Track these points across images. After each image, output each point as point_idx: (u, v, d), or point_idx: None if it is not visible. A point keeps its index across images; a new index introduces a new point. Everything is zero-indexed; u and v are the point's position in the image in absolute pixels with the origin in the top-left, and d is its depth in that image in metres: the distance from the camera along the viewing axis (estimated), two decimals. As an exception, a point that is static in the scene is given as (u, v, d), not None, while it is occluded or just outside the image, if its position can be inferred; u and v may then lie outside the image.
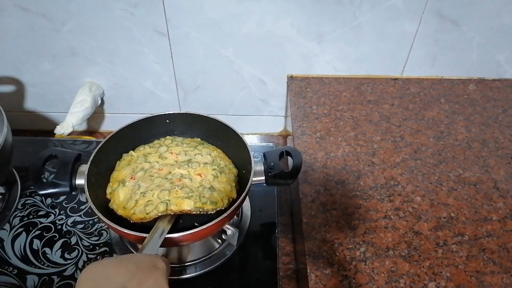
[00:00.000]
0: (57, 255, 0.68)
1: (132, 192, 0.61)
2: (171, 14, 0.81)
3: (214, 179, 0.64)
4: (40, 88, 0.94)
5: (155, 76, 0.92)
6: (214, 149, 0.71)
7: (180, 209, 0.58)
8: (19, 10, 0.80)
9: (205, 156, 0.68)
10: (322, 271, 0.56)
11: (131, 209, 0.59)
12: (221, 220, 0.55)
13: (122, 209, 0.60)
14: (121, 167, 0.67)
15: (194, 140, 0.73)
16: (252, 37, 0.84)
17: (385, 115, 0.82)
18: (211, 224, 0.54)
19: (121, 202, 0.61)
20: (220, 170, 0.65)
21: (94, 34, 0.84)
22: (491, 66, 0.90)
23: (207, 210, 0.59)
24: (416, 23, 0.82)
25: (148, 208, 0.58)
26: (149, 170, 0.65)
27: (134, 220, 0.58)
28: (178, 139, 0.73)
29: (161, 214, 0.57)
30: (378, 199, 0.65)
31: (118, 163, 0.68)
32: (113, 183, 0.65)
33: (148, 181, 0.62)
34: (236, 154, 0.70)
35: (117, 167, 0.68)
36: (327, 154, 0.73)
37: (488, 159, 0.73)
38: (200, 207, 0.58)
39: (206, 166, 0.65)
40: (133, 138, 0.70)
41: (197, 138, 0.74)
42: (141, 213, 0.58)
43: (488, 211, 0.64)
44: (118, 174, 0.66)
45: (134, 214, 0.58)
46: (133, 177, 0.64)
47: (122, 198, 0.61)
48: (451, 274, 0.55)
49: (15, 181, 0.79)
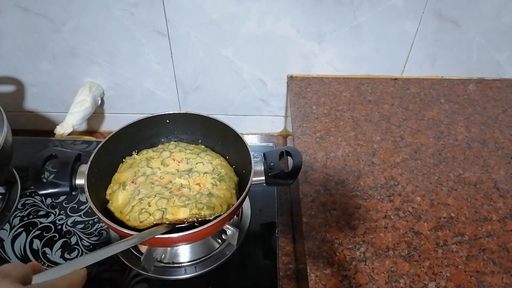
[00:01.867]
0: (57, 255, 0.68)
1: (131, 197, 0.61)
2: (171, 14, 0.81)
3: (213, 187, 0.63)
4: (40, 88, 0.94)
5: (155, 76, 0.92)
6: (217, 157, 0.71)
7: (175, 218, 0.57)
8: (19, 10, 0.80)
9: (206, 165, 0.67)
10: (322, 271, 0.56)
11: (127, 214, 0.58)
12: (221, 220, 0.55)
13: (119, 213, 0.60)
14: (123, 169, 0.67)
15: (198, 147, 0.73)
16: (252, 37, 0.84)
17: (385, 115, 0.82)
18: (211, 224, 0.54)
19: (119, 206, 0.61)
20: (220, 179, 0.65)
21: (94, 34, 0.84)
22: (491, 66, 0.90)
23: (205, 216, 0.58)
24: (416, 23, 0.82)
25: (142, 216, 0.57)
26: (151, 177, 0.65)
27: (128, 225, 0.58)
28: (182, 145, 0.73)
29: (156, 223, 0.57)
30: (378, 199, 0.65)
31: (121, 165, 0.69)
32: (114, 184, 0.65)
33: (148, 188, 0.62)
34: (236, 154, 0.70)
35: (120, 169, 0.68)
36: (327, 154, 0.73)
37: (488, 159, 0.73)
38: (196, 213, 0.58)
39: (206, 176, 0.65)
40: (133, 138, 0.71)
41: (201, 145, 0.74)
42: (134, 221, 0.57)
43: (488, 211, 0.64)
44: (119, 176, 0.66)
45: (128, 220, 0.58)
46: (134, 181, 0.64)
47: (120, 202, 0.61)
48: (451, 274, 0.55)
49: (15, 181, 0.79)
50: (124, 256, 0.67)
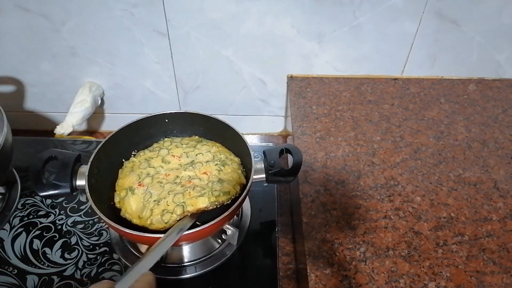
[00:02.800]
0: (57, 255, 0.68)
1: (145, 201, 0.61)
2: (171, 14, 0.81)
3: (219, 173, 0.64)
4: (40, 88, 0.94)
5: (155, 76, 0.92)
6: (213, 145, 0.71)
7: (196, 208, 0.58)
8: (19, 10, 0.80)
9: (205, 155, 0.68)
10: (322, 271, 0.56)
11: (147, 218, 0.58)
12: (221, 220, 0.55)
13: (137, 219, 0.60)
14: (124, 174, 0.66)
15: (193, 139, 0.73)
16: (252, 37, 0.84)
17: (385, 115, 0.82)
18: (211, 223, 0.54)
19: (135, 212, 0.60)
20: (223, 163, 0.66)
21: (94, 34, 0.84)
22: (491, 66, 0.90)
23: (223, 201, 0.59)
24: (416, 23, 0.82)
25: (165, 217, 0.57)
26: (156, 176, 0.65)
27: (152, 229, 0.58)
28: (177, 140, 0.73)
29: (179, 218, 0.57)
30: (378, 199, 0.65)
31: (121, 171, 0.68)
32: (119, 191, 0.64)
33: (158, 188, 0.62)
34: (236, 152, 0.70)
35: (120, 175, 0.67)
36: (327, 154, 0.73)
37: (488, 159, 0.73)
38: (215, 201, 0.59)
39: (209, 164, 0.66)
40: (132, 138, 0.70)
41: (195, 136, 0.74)
42: (159, 223, 0.57)
43: (488, 211, 0.64)
44: (123, 182, 0.65)
45: (152, 224, 0.58)
46: (141, 183, 0.63)
47: (135, 207, 0.61)
48: (451, 274, 0.55)
49: (15, 181, 0.79)
50: (124, 256, 0.67)
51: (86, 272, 0.65)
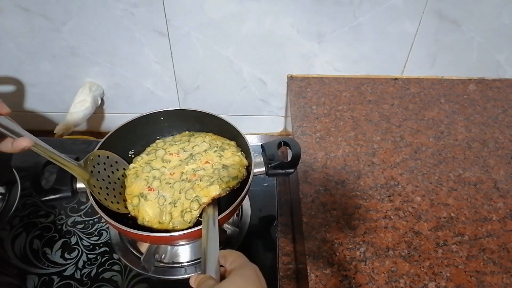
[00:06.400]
0: (57, 255, 0.68)
1: (160, 205, 0.60)
2: (171, 14, 0.81)
3: (221, 158, 0.65)
4: (40, 88, 0.94)
5: (155, 76, 0.92)
6: (205, 135, 0.71)
7: (210, 198, 0.58)
8: (19, 10, 0.80)
9: (201, 145, 0.68)
10: (322, 271, 0.56)
11: (169, 222, 0.58)
12: (220, 219, 0.55)
13: (157, 224, 0.59)
14: (130, 181, 0.65)
15: (183, 135, 0.73)
16: (252, 37, 0.84)
17: (385, 115, 0.82)
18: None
19: (153, 217, 0.60)
20: (221, 149, 0.66)
21: (94, 34, 0.84)
22: (491, 66, 0.90)
23: (234, 186, 0.60)
24: (416, 23, 0.82)
25: (186, 217, 0.57)
26: (163, 178, 0.64)
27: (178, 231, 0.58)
28: (168, 139, 0.72)
29: (199, 214, 0.58)
30: (378, 199, 0.65)
31: (126, 180, 0.66)
32: (130, 199, 0.63)
33: (168, 189, 0.62)
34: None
35: (127, 183, 0.66)
36: (327, 154, 0.73)
37: (488, 159, 0.73)
38: (226, 187, 0.59)
39: (208, 152, 0.66)
40: (129, 138, 0.70)
41: (185, 131, 0.74)
42: (182, 224, 0.58)
43: (488, 211, 0.64)
44: (131, 189, 0.64)
45: (175, 227, 0.58)
46: (150, 188, 0.62)
47: (152, 213, 0.60)
48: (451, 274, 0.55)
49: (15, 181, 0.79)
50: (124, 256, 0.67)
51: (86, 272, 0.65)
